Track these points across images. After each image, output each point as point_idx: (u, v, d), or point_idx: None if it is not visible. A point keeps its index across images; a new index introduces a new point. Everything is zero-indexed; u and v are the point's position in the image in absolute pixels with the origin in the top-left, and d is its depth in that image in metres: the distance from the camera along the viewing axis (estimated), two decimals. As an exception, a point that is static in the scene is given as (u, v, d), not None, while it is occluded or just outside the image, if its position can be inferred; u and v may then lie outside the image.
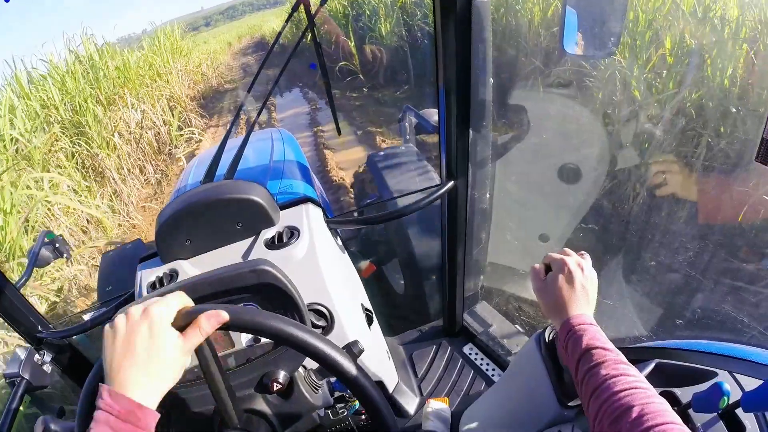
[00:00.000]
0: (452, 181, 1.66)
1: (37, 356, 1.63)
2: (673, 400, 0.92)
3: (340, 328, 1.39)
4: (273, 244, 1.41)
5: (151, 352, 0.75)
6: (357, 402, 1.57)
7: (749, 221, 1.68)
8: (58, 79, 7.64)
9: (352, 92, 9.26)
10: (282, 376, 1.10)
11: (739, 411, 0.82)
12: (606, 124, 2.47)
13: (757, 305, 1.69)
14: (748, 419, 0.82)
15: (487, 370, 2.09)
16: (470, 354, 2.19)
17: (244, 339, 1.22)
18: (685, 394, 0.91)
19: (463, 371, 2.12)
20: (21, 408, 1.55)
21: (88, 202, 5.96)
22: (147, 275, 1.43)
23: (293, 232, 1.43)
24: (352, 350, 0.97)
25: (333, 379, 1.45)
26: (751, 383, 0.88)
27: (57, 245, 1.80)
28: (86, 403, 0.92)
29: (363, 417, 1.57)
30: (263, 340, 1.21)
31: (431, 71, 1.48)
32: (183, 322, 0.79)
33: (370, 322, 1.63)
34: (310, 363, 1.09)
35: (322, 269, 1.38)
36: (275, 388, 1.09)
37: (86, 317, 1.72)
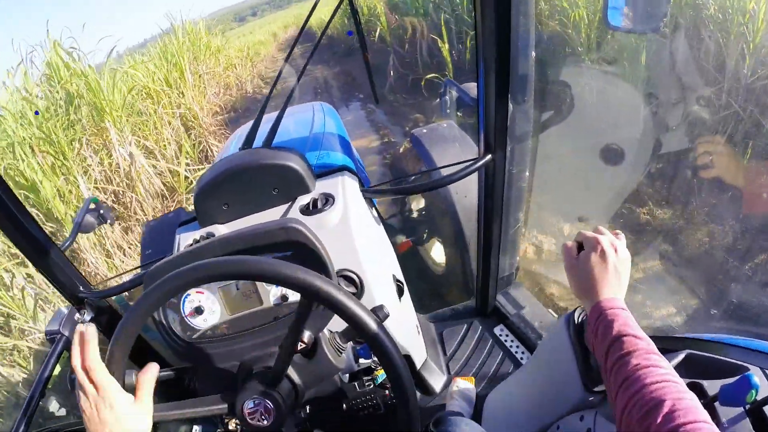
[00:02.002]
0: (490, 155, 1.63)
1: (77, 315, 1.68)
2: (700, 392, 0.89)
3: (370, 295, 1.41)
4: (308, 210, 1.44)
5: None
6: (381, 372, 1.58)
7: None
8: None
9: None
10: (307, 335, 1.10)
11: (767, 408, 0.78)
12: (651, 104, 2.37)
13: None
14: None
15: (516, 352, 2.07)
16: (501, 335, 2.16)
17: (272, 297, 1.26)
18: (712, 386, 0.88)
19: (492, 352, 2.11)
20: (59, 365, 1.61)
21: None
22: (185, 238, 1.48)
23: (328, 199, 1.45)
24: (377, 314, 0.98)
25: (358, 347, 1.47)
26: (785, 382, 0.84)
27: (101, 211, 1.84)
28: (119, 342, 0.94)
29: (388, 392, 1.58)
30: (291, 299, 1.25)
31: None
32: None
33: (400, 293, 1.63)
34: (336, 325, 1.09)
35: (354, 236, 1.39)
36: (299, 347, 1.10)
37: (125, 278, 1.77)
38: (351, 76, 9.15)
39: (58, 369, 1.60)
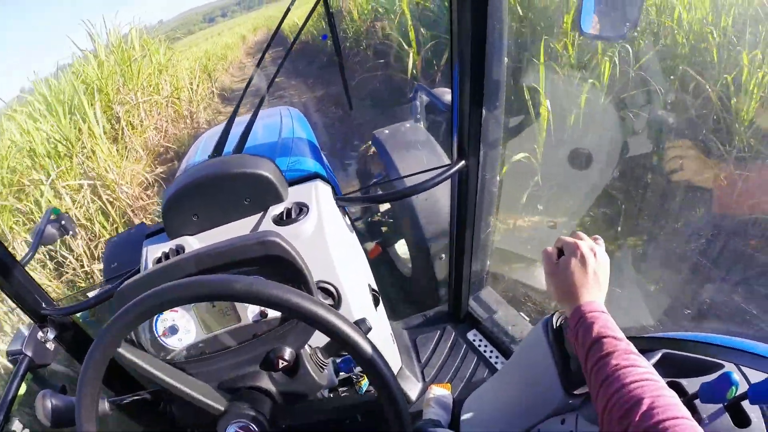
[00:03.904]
0: (463, 161, 1.63)
1: (40, 333, 1.62)
2: (680, 390, 0.90)
3: (347, 307, 1.39)
4: (281, 220, 1.40)
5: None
6: (363, 384, 1.57)
7: (764, 212, 1.65)
8: None
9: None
10: (288, 353, 1.07)
11: (745, 403, 0.80)
12: (620, 108, 2.43)
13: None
14: (754, 412, 0.80)
15: (490, 357, 2.08)
16: (474, 340, 2.17)
17: (250, 314, 1.18)
18: (691, 384, 0.89)
19: (466, 357, 2.11)
20: (23, 385, 1.55)
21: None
22: (153, 251, 1.42)
23: (302, 209, 1.42)
24: (361, 328, 0.95)
25: (338, 360, 1.44)
26: (759, 377, 0.86)
27: (63, 222, 1.78)
28: (91, 368, 0.87)
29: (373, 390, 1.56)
30: (270, 315, 1.19)
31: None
32: None
33: (376, 302, 1.61)
34: (316, 341, 1.07)
35: (330, 247, 1.37)
36: (281, 365, 1.07)
37: (89, 295, 1.71)
38: (324, 84, 8.37)
39: (23, 389, 1.54)
